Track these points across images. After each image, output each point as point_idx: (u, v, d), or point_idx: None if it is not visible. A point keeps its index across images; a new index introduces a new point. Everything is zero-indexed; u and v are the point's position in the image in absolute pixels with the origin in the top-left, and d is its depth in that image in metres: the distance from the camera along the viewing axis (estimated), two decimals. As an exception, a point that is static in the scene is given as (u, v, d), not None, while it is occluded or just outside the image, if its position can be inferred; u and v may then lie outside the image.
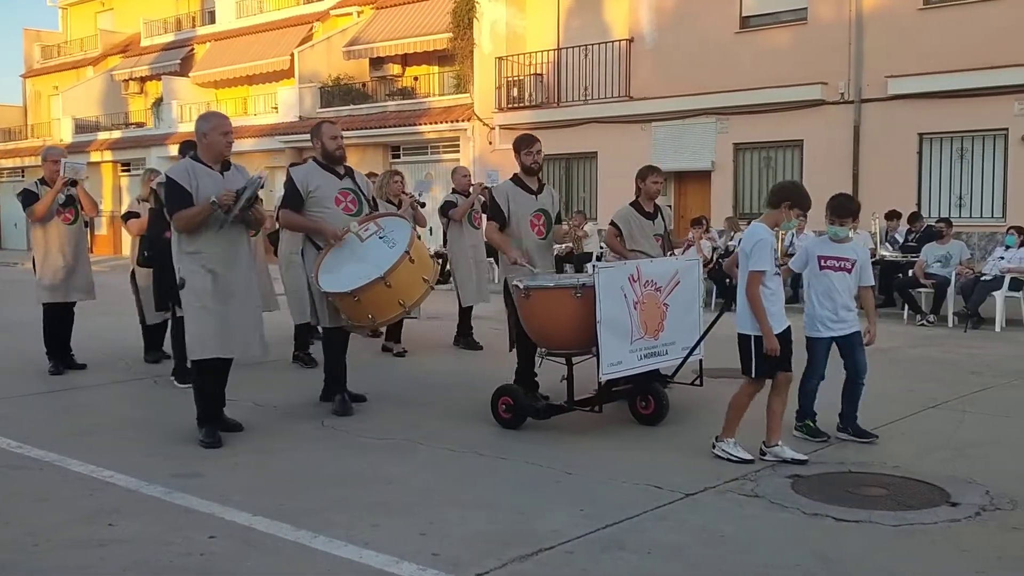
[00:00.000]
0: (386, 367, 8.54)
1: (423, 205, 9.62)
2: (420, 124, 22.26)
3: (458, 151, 21.95)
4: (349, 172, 6.65)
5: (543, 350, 6.16)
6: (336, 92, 25.43)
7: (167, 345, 8.30)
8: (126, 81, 32.73)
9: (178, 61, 30.47)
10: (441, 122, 21.92)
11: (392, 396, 7.13)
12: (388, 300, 6.06)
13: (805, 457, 5.21)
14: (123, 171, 31.55)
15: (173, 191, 5.57)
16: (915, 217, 13.90)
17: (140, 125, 31.69)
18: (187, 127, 28.48)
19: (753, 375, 5.20)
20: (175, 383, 7.50)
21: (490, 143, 20.85)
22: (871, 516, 4.32)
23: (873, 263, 8.70)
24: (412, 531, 4.16)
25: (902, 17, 15.29)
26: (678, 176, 18.07)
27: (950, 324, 11.48)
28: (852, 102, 15.82)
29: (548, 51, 20.10)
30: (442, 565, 3.74)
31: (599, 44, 18.98)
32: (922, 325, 11.49)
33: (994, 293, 11.21)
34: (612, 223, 7.28)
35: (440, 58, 24.06)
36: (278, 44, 27.29)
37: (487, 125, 20.98)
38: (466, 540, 4.06)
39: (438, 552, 3.88)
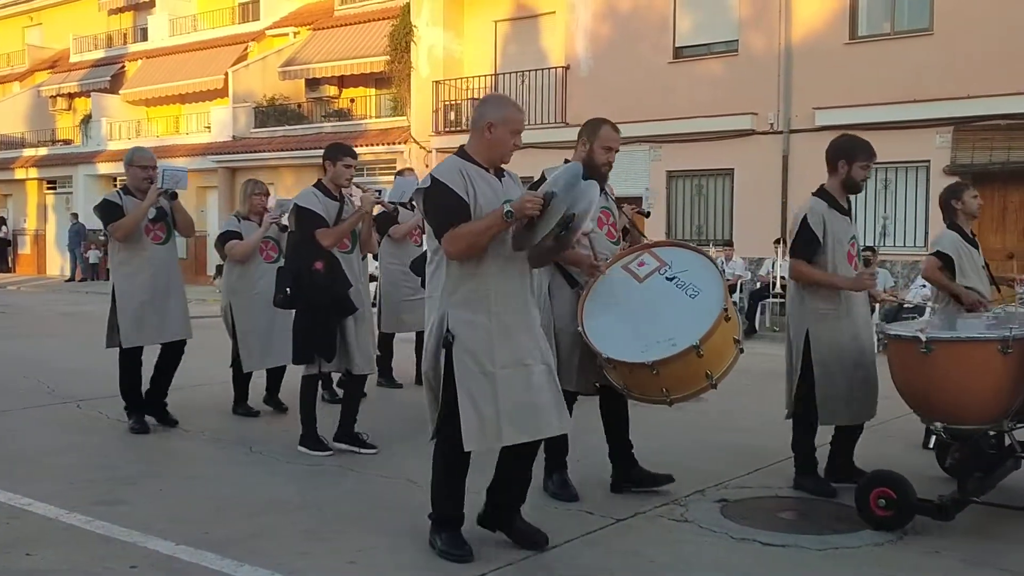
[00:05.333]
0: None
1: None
2: (356, 146, 22.11)
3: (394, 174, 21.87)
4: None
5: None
6: (271, 112, 25.21)
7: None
8: (54, 97, 31.98)
9: (108, 78, 29.88)
10: (378, 144, 21.87)
11: (321, 422, 7.02)
12: (695, 372, 4.57)
13: None
14: (48, 189, 30.76)
15: (443, 198, 3.91)
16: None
17: (68, 142, 30.98)
18: (116, 145, 28.02)
19: None
20: (304, 450, 6.05)
21: (427, 166, 20.84)
22: (797, 540, 4.39)
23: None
24: (342, 560, 4.10)
25: (829, 51, 15.73)
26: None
27: (876, 349, 11.74)
28: (781, 132, 16.20)
29: (485, 76, 20.23)
30: (371, 594, 3.69)
31: (536, 70, 19.16)
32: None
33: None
34: (939, 253, 5.90)
35: (377, 80, 24.02)
36: (212, 63, 26.97)
37: (424, 148, 20.99)
38: (396, 568, 4.02)
39: (367, 581, 3.83)
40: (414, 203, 7.62)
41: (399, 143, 21.49)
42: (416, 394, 7.87)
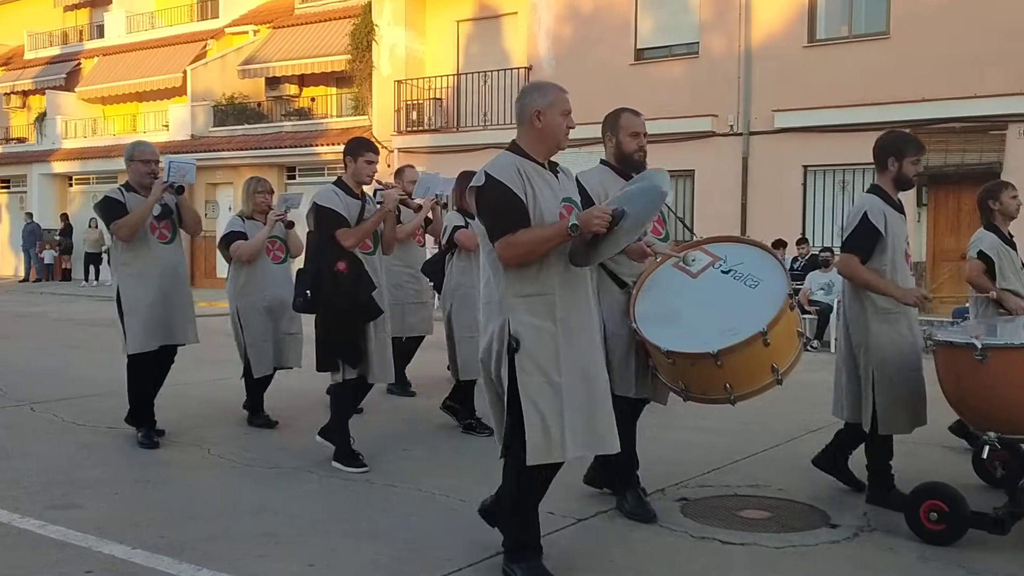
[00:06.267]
0: (269, 393, 8.25)
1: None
2: (317, 145, 22.02)
3: (356, 173, 21.77)
4: None
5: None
6: (230, 111, 24.95)
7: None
8: (7, 95, 31.39)
9: (64, 75, 29.41)
10: (339, 143, 21.68)
11: (281, 423, 6.97)
12: (761, 363, 4.33)
13: None
14: (2, 188, 30.22)
15: (500, 198, 3.67)
16: (802, 241, 14.54)
17: (21, 140, 30.42)
18: (71, 143, 27.62)
19: None
20: (339, 467, 5.67)
21: (388, 166, 20.74)
22: (756, 539, 4.42)
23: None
24: (300, 563, 4.06)
25: (788, 54, 15.90)
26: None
27: (832, 350, 11.89)
28: (741, 134, 16.35)
29: (447, 76, 20.20)
30: (330, 597, 3.66)
31: (498, 71, 19.16)
32: (806, 351, 11.87)
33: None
34: (981, 254, 5.80)
35: (338, 79, 23.87)
36: (170, 61, 26.64)
37: (386, 148, 20.87)
38: (356, 571, 3.99)
39: (326, 583, 3.80)
40: (445, 201, 7.35)
41: (360, 143, 21.34)
42: (392, 400, 7.83)
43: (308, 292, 5.58)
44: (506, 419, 3.71)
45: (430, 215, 7.47)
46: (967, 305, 6.40)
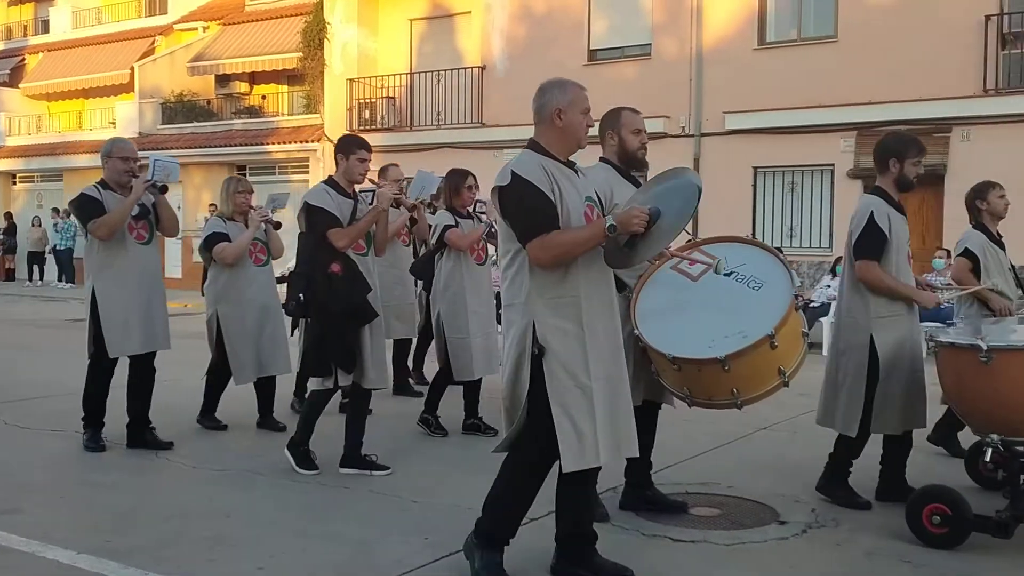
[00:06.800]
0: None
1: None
2: (268, 143, 21.81)
3: (308, 172, 21.62)
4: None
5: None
6: (179, 108, 24.60)
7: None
8: (-51, 90, 30.69)
9: (7, 71, 28.77)
10: (290, 142, 21.55)
11: (232, 425, 6.88)
12: (768, 367, 4.27)
13: None
14: (-57, 185, 29.52)
15: (529, 198, 3.58)
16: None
17: (-36, 137, 29.75)
18: (15, 140, 27.07)
19: None
20: (289, 457, 5.60)
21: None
22: (706, 536, 4.46)
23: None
24: (250, 565, 4.02)
25: (739, 56, 16.08)
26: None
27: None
28: (692, 136, 16.50)
29: (401, 75, 20.11)
30: (280, 600, 3.63)
31: (452, 70, 19.12)
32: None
33: (821, 319, 11.84)
34: (967, 252, 5.80)
35: (290, 77, 23.65)
36: (117, 57, 26.19)
37: (337, 147, 20.76)
38: (306, 573, 3.96)
39: (276, 586, 3.77)
40: (429, 200, 7.34)
41: (312, 141, 21.20)
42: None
43: (301, 296, 5.37)
44: (525, 422, 3.62)
45: (415, 215, 7.34)
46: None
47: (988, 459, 4.35)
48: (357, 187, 5.64)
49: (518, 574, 3.87)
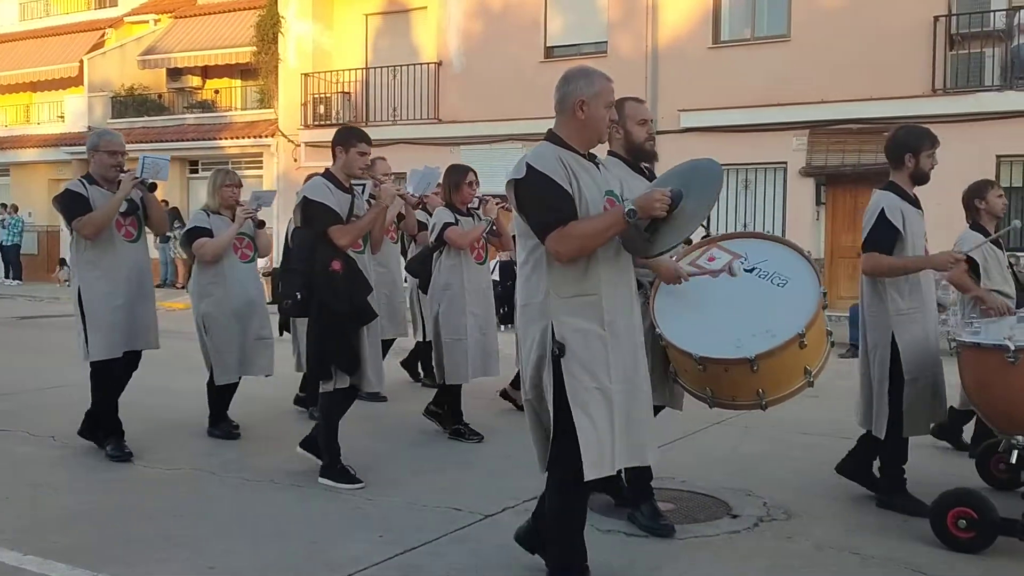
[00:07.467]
0: (174, 394, 7.91)
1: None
2: (221, 138, 21.56)
3: (262, 167, 21.42)
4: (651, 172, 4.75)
5: None
6: (130, 102, 24.23)
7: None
8: None
9: (-48, 63, 28.17)
10: (243, 137, 21.32)
11: (183, 423, 6.79)
12: (795, 366, 4.15)
13: None
14: None
15: (546, 191, 3.42)
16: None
17: (-94, 131, 29.04)
18: (-40, 134, 26.44)
19: None
20: (328, 483, 5.23)
21: (295, 160, 20.45)
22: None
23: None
24: (200, 565, 3.97)
25: (694, 54, 16.20)
26: (484, 199, 18.39)
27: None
28: (648, 133, 16.57)
29: (356, 70, 19.99)
30: (231, 600, 3.59)
31: (408, 66, 19.04)
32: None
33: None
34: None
35: (243, 71, 23.41)
36: (66, 50, 25.69)
37: (292, 142, 20.58)
38: (258, 572, 3.92)
39: (228, 586, 3.73)
40: (263, 220, 6.79)
41: (266, 136, 21.02)
42: (289, 397, 7.69)
43: (299, 294, 5.13)
44: (553, 431, 3.44)
45: (403, 211, 7.17)
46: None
47: (1014, 461, 4.22)
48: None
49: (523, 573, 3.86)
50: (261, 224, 6.60)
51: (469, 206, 6.45)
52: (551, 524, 3.59)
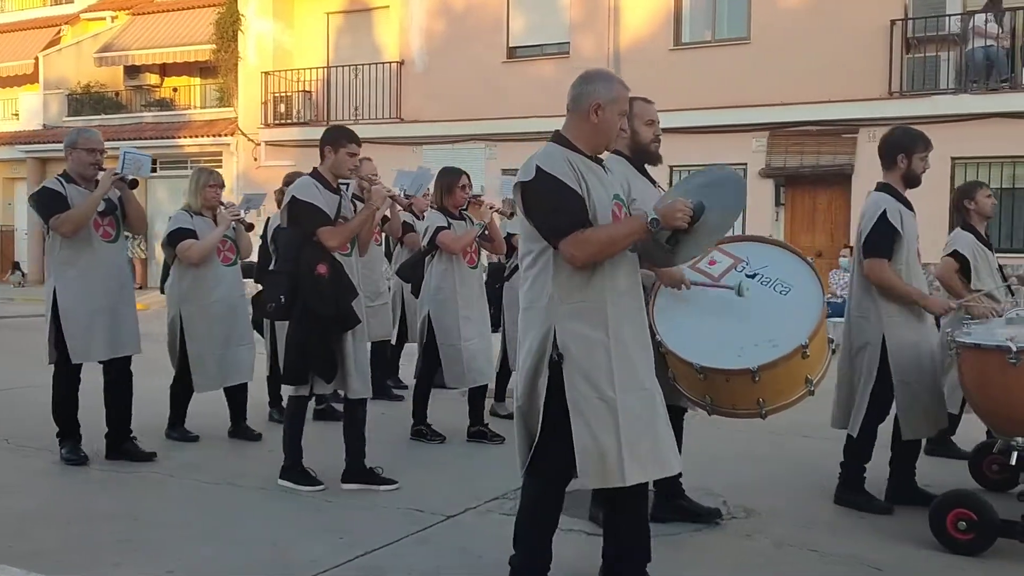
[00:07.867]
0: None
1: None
2: (180, 137, 21.33)
3: (221, 166, 21.21)
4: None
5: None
6: (86, 100, 23.88)
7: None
8: None
9: (-97, 59, 27.57)
10: (203, 136, 21.11)
11: (142, 426, 6.68)
12: (796, 376, 4.08)
13: None
14: None
15: (556, 194, 3.31)
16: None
17: None
18: (-89, 131, 25.89)
19: None
20: (288, 485, 5.17)
21: (255, 159, 20.28)
22: (621, 530, 4.50)
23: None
24: (159, 569, 3.92)
25: (655, 56, 16.31)
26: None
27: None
28: (610, 133, 16.65)
29: (317, 68, 19.86)
30: (190, 604, 3.55)
31: (370, 64, 18.96)
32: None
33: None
34: (955, 253, 5.70)
35: (202, 69, 23.17)
36: (21, 46, 25.29)
37: (252, 141, 20.40)
38: (217, 575, 3.88)
39: (186, 590, 3.68)
40: (252, 223, 6.72)
41: (226, 135, 20.82)
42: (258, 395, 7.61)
43: (282, 297, 4.94)
44: (540, 433, 3.36)
45: (387, 212, 7.05)
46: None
47: (1014, 462, 4.18)
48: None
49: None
50: (250, 227, 6.44)
51: (462, 209, 6.35)
52: (521, 525, 3.54)
